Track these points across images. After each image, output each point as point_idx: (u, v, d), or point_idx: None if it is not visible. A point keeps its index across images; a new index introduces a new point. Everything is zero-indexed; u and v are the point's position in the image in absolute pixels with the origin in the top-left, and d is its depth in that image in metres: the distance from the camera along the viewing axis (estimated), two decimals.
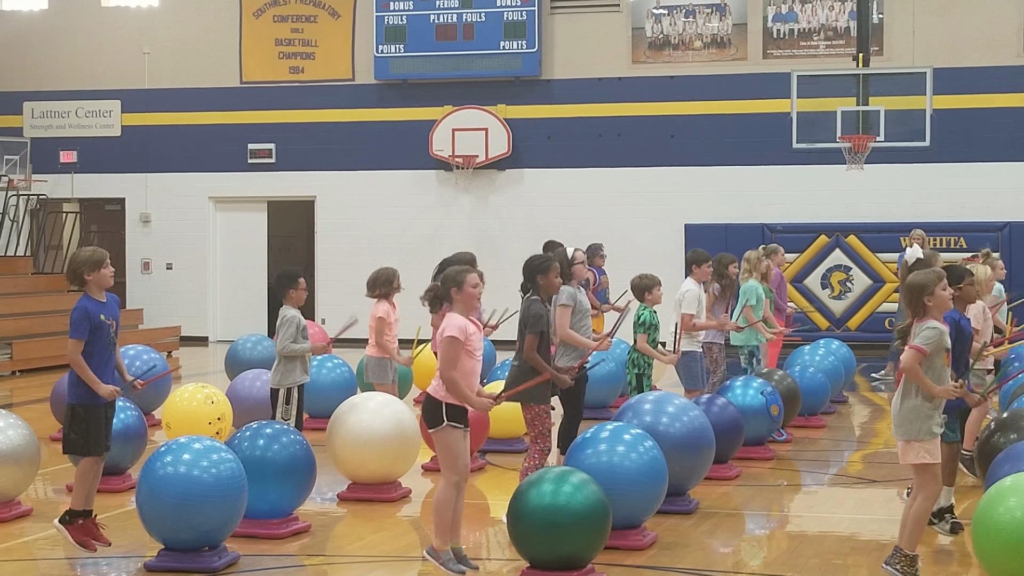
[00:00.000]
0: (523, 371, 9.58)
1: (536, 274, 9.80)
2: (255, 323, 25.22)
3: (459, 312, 8.48)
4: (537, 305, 9.68)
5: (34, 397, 17.70)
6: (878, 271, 23.65)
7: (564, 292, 10.66)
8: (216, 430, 12.38)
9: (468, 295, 8.48)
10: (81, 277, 9.00)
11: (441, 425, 8.35)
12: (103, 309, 8.99)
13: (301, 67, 26.20)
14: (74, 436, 8.98)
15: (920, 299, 8.10)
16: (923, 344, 7.94)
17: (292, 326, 11.00)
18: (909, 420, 8.02)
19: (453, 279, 8.53)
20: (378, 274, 12.81)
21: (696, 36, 24.66)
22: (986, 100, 23.40)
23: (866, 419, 16.46)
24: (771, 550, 9.78)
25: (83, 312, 8.89)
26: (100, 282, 9.02)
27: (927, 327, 7.99)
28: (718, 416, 11.35)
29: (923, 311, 8.10)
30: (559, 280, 9.97)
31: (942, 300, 8.13)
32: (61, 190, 26.94)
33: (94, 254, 9.04)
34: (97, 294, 9.03)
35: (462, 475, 8.44)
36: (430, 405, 8.41)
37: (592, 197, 24.77)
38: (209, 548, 8.69)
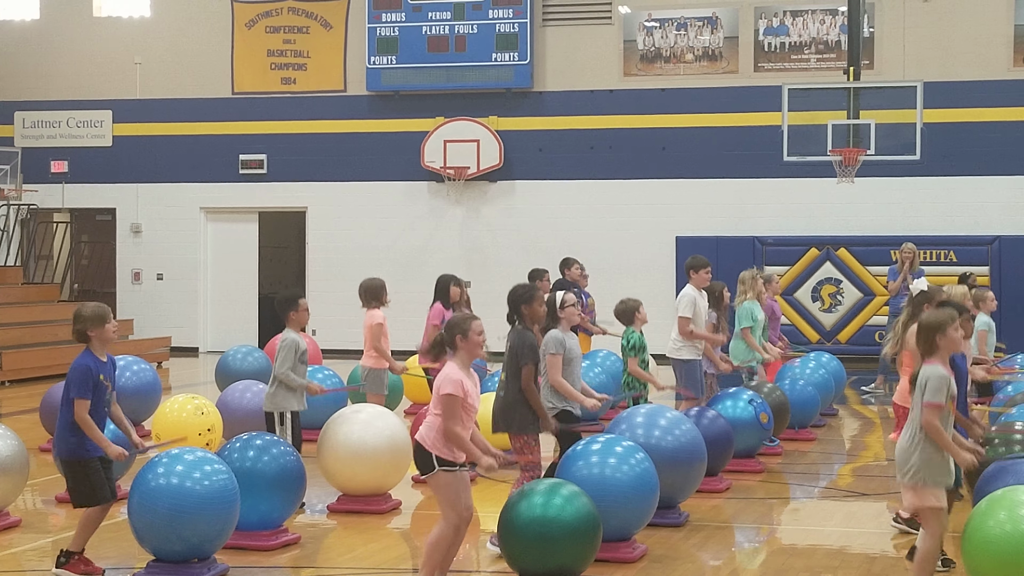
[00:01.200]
0: (510, 402, 9.52)
1: (520, 304, 9.71)
2: (246, 334, 25.21)
3: (461, 361, 8.25)
4: (530, 335, 9.58)
5: (24, 407, 17.65)
6: (868, 284, 23.68)
7: (552, 340, 10.21)
8: (206, 441, 12.36)
9: (473, 343, 8.28)
10: (84, 333, 8.88)
11: (433, 472, 8.14)
12: (102, 369, 8.85)
13: (293, 78, 26.21)
14: (78, 489, 8.82)
15: (932, 338, 8.04)
16: (939, 399, 7.88)
17: (291, 351, 10.96)
18: (922, 468, 7.93)
19: (459, 326, 8.32)
20: (368, 284, 12.90)
21: (688, 49, 24.71)
22: (976, 114, 23.46)
23: (856, 432, 16.47)
24: (761, 563, 9.79)
25: (85, 371, 8.74)
26: (103, 338, 8.90)
27: (934, 376, 7.92)
28: (708, 428, 11.35)
29: (933, 351, 8.06)
30: (543, 309, 9.89)
31: (953, 342, 8.08)
32: (52, 200, 26.91)
33: (96, 310, 8.94)
34: (99, 351, 8.90)
35: (463, 518, 8.21)
36: (420, 453, 8.20)
37: (583, 209, 24.79)
38: (199, 560, 8.67)
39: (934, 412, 7.87)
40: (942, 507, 8.03)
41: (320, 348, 18.58)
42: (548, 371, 10.20)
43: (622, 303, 12.30)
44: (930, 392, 7.90)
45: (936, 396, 7.88)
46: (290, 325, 11.12)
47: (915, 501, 8.01)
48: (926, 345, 8.07)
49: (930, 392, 7.90)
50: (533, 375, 9.50)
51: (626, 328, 12.25)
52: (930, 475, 7.95)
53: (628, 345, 12.03)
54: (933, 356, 8.04)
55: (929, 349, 8.06)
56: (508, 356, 9.65)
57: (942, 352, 8.05)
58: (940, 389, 7.89)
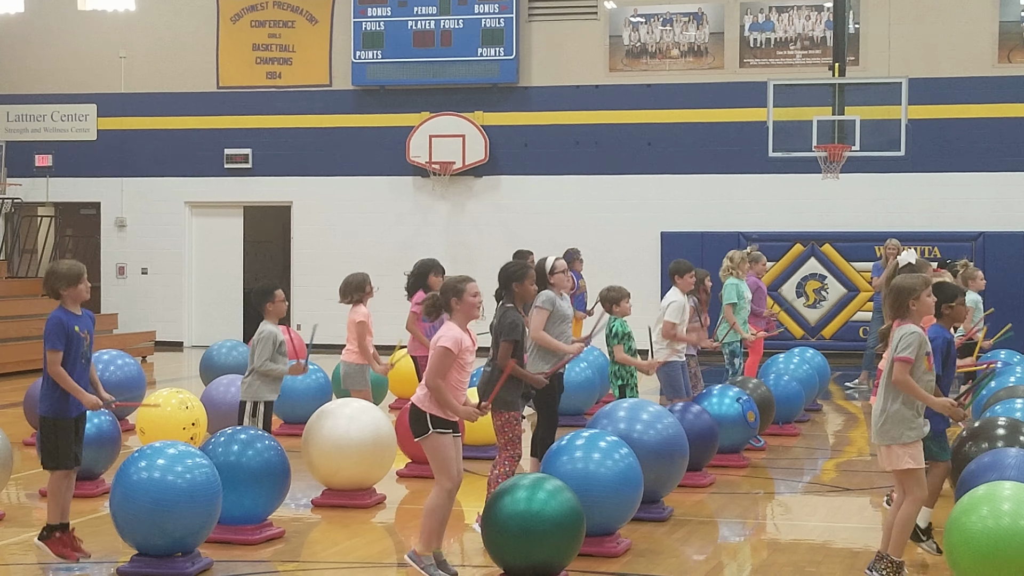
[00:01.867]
0: (495, 377, 9.57)
1: (511, 281, 9.75)
2: (230, 328, 25.16)
3: (458, 323, 8.42)
4: (512, 312, 9.64)
5: (7, 402, 17.61)
6: (853, 280, 23.73)
7: (542, 295, 10.62)
8: (190, 435, 12.34)
9: (468, 304, 8.42)
10: (56, 291, 8.97)
11: (427, 433, 8.30)
12: (77, 321, 8.93)
13: (278, 72, 26.17)
14: (44, 447, 8.93)
15: (905, 302, 8.07)
16: (908, 353, 7.90)
17: (269, 343, 10.92)
18: (892, 424, 8.01)
19: (453, 288, 8.45)
20: (350, 280, 12.84)
21: (673, 44, 24.72)
22: (961, 110, 23.51)
23: (840, 427, 16.51)
24: (745, 558, 9.81)
25: (57, 323, 8.84)
26: (76, 296, 8.99)
27: (906, 332, 7.96)
28: (692, 424, 11.36)
29: (905, 314, 8.09)
30: (535, 287, 9.96)
31: (926, 306, 8.12)
32: (36, 194, 26.84)
33: (71, 268, 9.01)
34: (72, 307, 8.99)
35: (455, 481, 8.39)
36: (415, 415, 8.35)
37: (569, 205, 24.80)
38: (183, 554, 8.65)
39: (904, 367, 7.89)
40: (918, 467, 8.03)
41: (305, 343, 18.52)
42: (531, 324, 10.29)
43: (608, 289, 12.30)
44: (900, 347, 7.91)
45: (906, 351, 7.88)
46: (268, 317, 11.10)
47: (891, 462, 8.04)
48: (898, 309, 8.09)
49: (900, 347, 7.91)
50: (510, 351, 9.49)
51: (609, 317, 12.26)
52: (902, 433, 7.96)
53: (611, 333, 12.04)
54: (906, 319, 8.07)
55: (901, 312, 8.08)
56: (493, 335, 9.70)
57: (914, 316, 8.07)
58: (911, 345, 7.90)
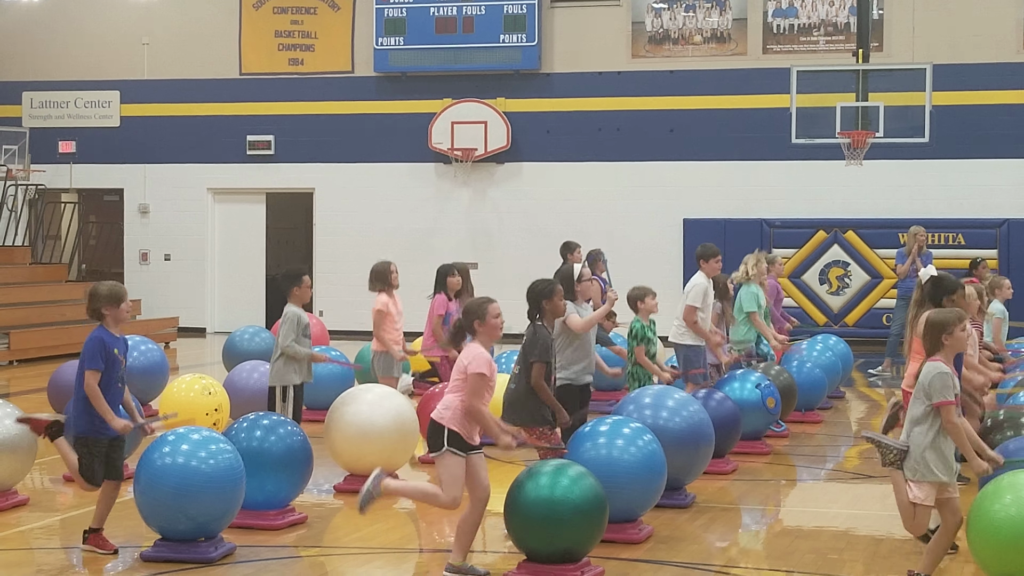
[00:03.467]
0: (520, 395, 9.48)
1: (541, 299, 9.59)
2: (253, 314, 25.23)
3: (482, 344, 8.36)
4: (544, 332, 9.49)
5: (31, 387, 17.69)
6: (876, 267, 23.66)
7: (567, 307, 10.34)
8: (213, 421, 12.38)
9: (491, 327, 8.37)
10: (99, 311, 8.99)
11: (441, 450, 8.23)
12: (116, 344, 8.97)
13: (300, 59, 26.19)
14: (82, 465, 8.98)
15: (938, 338, 8.04)
16: (948, 396, 7.84)
17: (294, 323, 10.98)
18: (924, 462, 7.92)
19: (475, 311, 8.40)
20: (373, 268, 12.94)
21: (696, 31, 24.66)
22: (985, 97, 23.40)
23: (863, 415, 16.47)
24: (767, 544, 9.79)
25: (98, 343, 8.86)
26: (117, 317, 9.02)
27: (937, 375, 7.87)
28: (715, 410, 11.33)
29: (938, 348, 8.04)
30: (564, 303, 9.85)
31: (959, 342, 8.07)
32: (59, 180, 26.93)
33: (113, 289, 9.05)
34: (113, 328, 9.01)
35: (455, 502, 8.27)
36: (433, 429, 8.28)
37: (591, 191, 24.77)
38: (206, 539, 8.69)
39: (950, 410, 7.86)
40: (953, 496, 8.01)
41: (327, 329, 18.60)
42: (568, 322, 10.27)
43: (634, 289, 12.23)
44: (937, 392, 7.86)
45: (946, 394, 7.86)
46: (292, 300, 11.17)
47: (924, 496, 7.99)
48: (932, 343, 8.08)
49: (937, 392, 7.86)
50: (543, 374, 9.43)
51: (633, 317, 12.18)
52: (932, 471, 7.93)
53: (631, 334, 11.99)
54: (937, 354, 8.04)
55: (934, 347, 8.06)
56: (521, 351, 9.64)
57: (947, 351, 8.05)
58: (947, 386, 7.88)
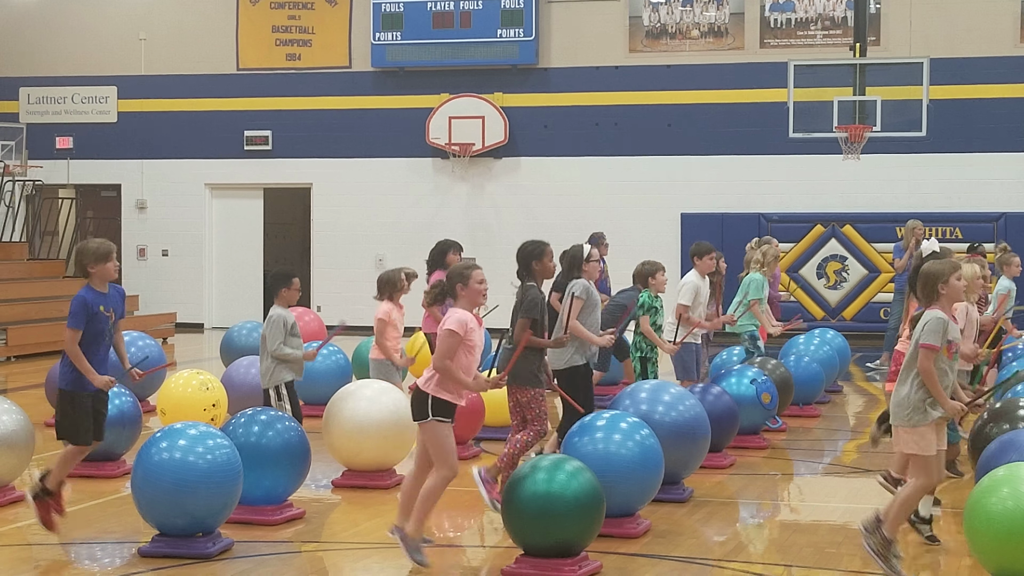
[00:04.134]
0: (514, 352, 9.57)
1: (530, 260, 9.78)
2: (250, 310, 25.24)
3: (463, 308, 8.42)
4: (534, 291, 9.68)
5: (29, 383, 17.69)
6: (874, 261, 23.67)
7: (579, 284, 10.63)
8: (211, 416, 12.38)
9: (473, 291, 8.43)
10: (85, 268, 9.04)
11: (427, 419, 8.26)
12: (103, 300, 9.01)
13: (298, 54, 26.17)
14: (63, 421, 9.07)
15: (934, 287, 8.02)
16: (933, 340, 7.83)
17: (279, 325, 10.95)
18: (903, 406, 7.99)
19: (459, 275, 8.46)
20: (382, 276, 12.69)
21: (693, 25, 24.65)
22: (983, 90, 23.40)
23: (860, 409, 16.48)
24: (764, 539, 9.80)
25: (81, 302, 8.94)
26: (103, 275, 9.06)
27: (932, 317, 7.90)
28: (713, 405, 11.35)
29: (935, 299, 8.05)
30: (553, 264, 9.96)
31: (955, 290, 8.07)
32: (57, 176, 26.91)
33: (100, 247, 9.07)
34: (99, 285, 9.05)
35: (453, 470, 8.35)
36: (417, 397, 8.32)
37: (588, 186, 24.77)
38: (203, 534, 8.69)
39: (928, 354, 7.83)
40: (924, 454, 8.00)
41: (324, 324, 18.59)
42: (569, 313, 10.33)
43: (642, 264, 12.41)
44: (926, 333, 7.84)
45: (931, 337, 7.83)
46: (279, 302, 11.12)
47: (911, 445, 7.99)
48: (928, 293, 8.04)
49: (926, 333, 7.84)
50: (526, 326, 9.47)
51: (642, 290, 12.35)
52: (910, 416, 7.93)
53: (639, 304, 12.13)
54: (935, 305, 8.03)
55: (931, 297, 8.04)
56: (513, 311, 9.71)
57: (943, 301, 8.03)
58: (936, 331, 7.84)
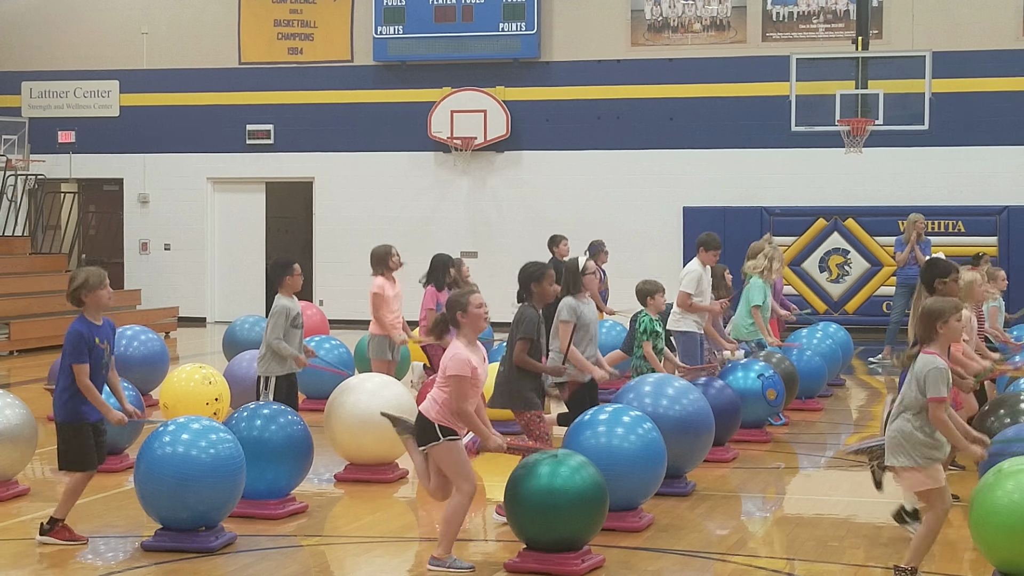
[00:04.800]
0: (510, 378, 9.52)
1: (530, 282, 9.63)
2: (253, 304, 25.23)
3: (466, 336, 8.26)
4: (530, 311, 9.54)
5: (31, 377, 17.70)
6: (876, 254, 23.65)
7: (565, 307, 10.36)
8: (214, 410, 12.38)
9: (474, 316, 8.28)
10: (79, 298, 8.86)
11: (438, 442, 8.17)
12: (97, 332, 8.83)
13: (300, 48, 26.15)
14: (67, 453, 8.88)
15: (933, 326, 7.97)
16: (941, 393, 7.79)
17: (282, 317, 10.93)
18: (911, 447, 7.89)
19: (457, 303, 8.33)
20: (373, 251, 12.94)
21: (695, 19, 24.62)
22: (985, 84, 23.38)
23: (863, 402, 16.48)
24: (767, 532, 9.80)
25: (77, 336, 8.75)
26: (98, 303, 8.87)
27: (933, 369, 7.83)
28: (715, 398, 11.34)
29: (933, 337, 8.00)
30: (553, 288, 9.83)
31: (954, 332, 8.01)
32: (59, 170, 26.91)
33: (90, 275, 8.88)
34: (93, 316, 8.87)
35: (474, 484, 8.25)
36: (423, 424, 8.22)
37: (590, 180, 24.75)
38: (206, 528, 8.70)
39: (939, 407, 7.82)
40: (942, 486, 7.99)
41: (327, 318, 18.60)
42: (560, 339, 10.20)
43: (643, 283, 12.25)
44: (932, 387, 7.83)
45: (938, 391, 7.82)
46: (283, 291, 11.11)
47: (918, 484, 7.98)
48: (926, 332, 8.00)
49: (932, 387, 7.83)
50: (525, 349, 9.43)
51: (639, 311, 12.22)
52: (924, 456, 7.92)
53: (640, 329, 12.01)
54: (932, 344, 7.98)
55: (929, 336, 7.99)
56: (509, 332, 9.65)
57: (941, 341, 7.97)
58: (940, 381, 7.83)
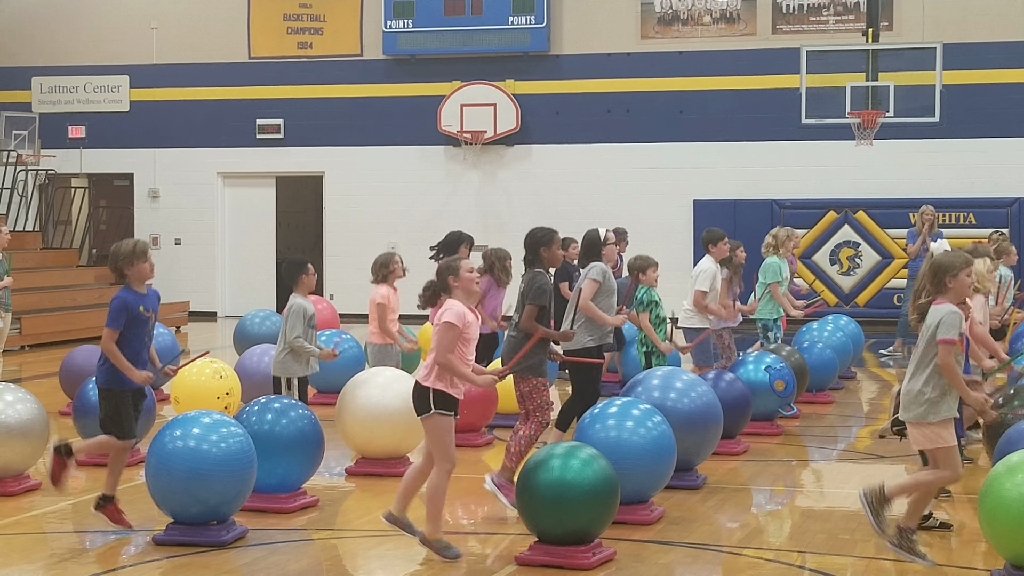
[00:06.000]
0: (520, 341, 9.57)
1: (539, 246, 9.75)
2: (263, 298, 25.27)
3: (459, 300, 8.37)
4: (542, 278, 9.66)
5: (43, 372, 17.73)
6: (887, 247, 23.62)
7: (596, 267, 10.70)
8: (224, 405, 12.40)
9: (466, 281, 8.35)
10: (121, 271, 8.97)
11: (429, 413, 8.23)
12: (143, 301, 8.95)
13: (309, 42, 26.16)
14: (107, 417, 9.04)
15: (942, 279, 7.99)
16: (952, 335, 7.81)
17: (300, 316, 10.93)
18: (928, 402, 7.92)
19: (448, 268, 8.40)
20: (377, 258, 12.71)
21: (705, 11, 24.59)
22: (996, 75, 23.32)
23: (874, 395, 16.46)
24: (778, 525, 9.80)
25: (122, 303, 8.86)
26: (140, 275, 8.96)
27: (947, 312, 7.87)
28: (726, 391, 11.35)
29: (942, 291, 8.01)
30: (561, 252, 9.96)
31: (962, 285, 8.03)
32: (70, 165, 26.95)
33: (135, 248, 8.99)
34: (137, 286, 8.98)
35: (452, 462, 8.33)
36: (419, 392, 8.28)
37: (600, 173, 24.75)
38: (218, 522, 8.71)
39: (949, 349, 7.83)
40: (954, 445, 7.99)
41: (338, 312, 18.61)
42: (582, 293, 10.34)
43: (634, 258, 12.37)
44: (943, 329, 7.84)
45: (949, 332, 7.83)
46: (298, 290, 11.10)
47: (930, 441, 7.98)
48: (935, 285, 8.02)
49: (943, 329, 7.84)
50: (534, 314, 9.50)
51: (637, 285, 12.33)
52: (938, 411, 7.92)
53: (637, 300, 12.11)
54: (942, 297, 8.01)
55: (938, 289, 8.01)
56: (519, 298, 9.70)
57: (951, 294, 8.00)
58: (953, 325, 7.84)
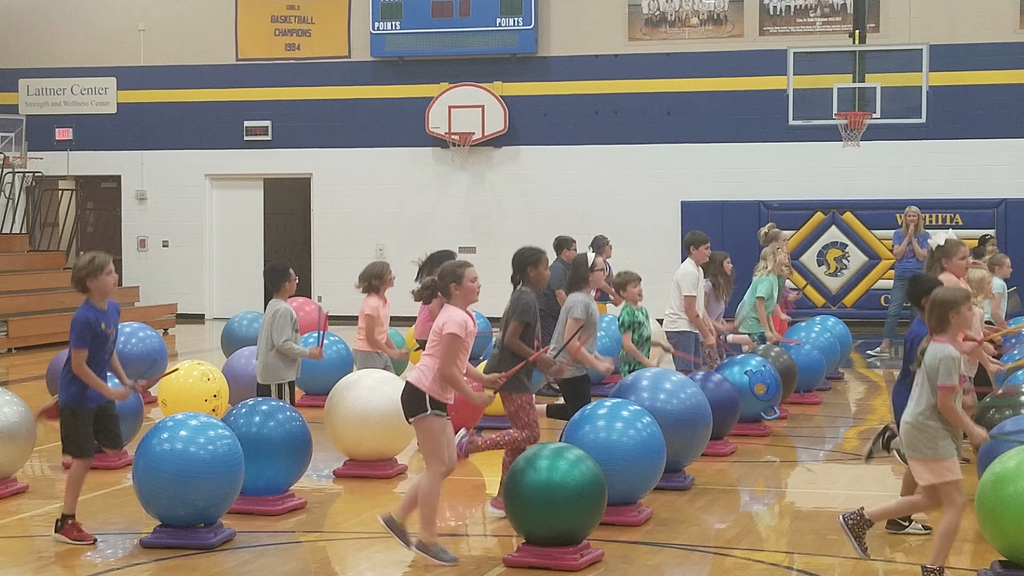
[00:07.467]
0: (503, 358, 9.50)
1: (526, 266, 9.64)
2: (251, 300, 25.22)
3: (458, 307, 8.33)
4: (527, 296, 9.55)
5: (30, 374, 17.70)
6: (874, 248, 23.66)
7: (578, 304, 10.45)
8: (212, 407, 12.38)
9: (468, 289, 8.34)
10: (83, 283, 8.86)
11: (425, 414, 8.20)
12: (103, 317, 8.86)
13: (297, 44, 26.14)
14: (68, 437, 8.93)
15: (946, 316, 7.94)
16: (951, 381, 7.80)
17: (287, 319, 10.90)
18: (929, 438, 7.89)
19: (452, 273, 8.36)
20: (369, 268, 12.57)
21: (692, 13, 24.62)
22: (983, 77, 23.37)
23: (862, 395, 16.49)
24: (766, 526, 9.81)
25: (84, 323, 8.77)
26: (102, 288, 8.87)
27: (945, 357, 7.84)
28: (713, 393, 11.34)
29: (945, 327, 7.99)
30: (548, 272, 9.86)
31: (965, 320, 7.99)
32: (57, 167, 26.90)
33: (94, 260, 8.90)
34: (99, 301, 8.88)
35: (448, 465, 8.30)
36: (412, 394, 8.24)
37: (588, 174, 24.75)
38: (205, 525, 8.70)
39: (949, 395, 7.83)
40: (958, 479, 7.99)
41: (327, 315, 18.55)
42: (565, 333, 10.26)
43: (617, 275, 12.30)
44: (943, 375, 7.83)
45: (950, 379, 7.82)
46: (280, 295, 11.07)
47: (930, 478, 7.97)
48: (938, 322, 7.99)
49: (943, 375, 7.83)
50: (518, 331, 9.43)
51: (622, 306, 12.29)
52: (940, 450, 7.92)
53: (619, 321, 12.07)
54: (943, 334, 7.97)
55: (941, 326, 7.97)
56: (504, 315, 9.64)
57: (953, 330, 7.96)
58: (952, 371, 7.82)
